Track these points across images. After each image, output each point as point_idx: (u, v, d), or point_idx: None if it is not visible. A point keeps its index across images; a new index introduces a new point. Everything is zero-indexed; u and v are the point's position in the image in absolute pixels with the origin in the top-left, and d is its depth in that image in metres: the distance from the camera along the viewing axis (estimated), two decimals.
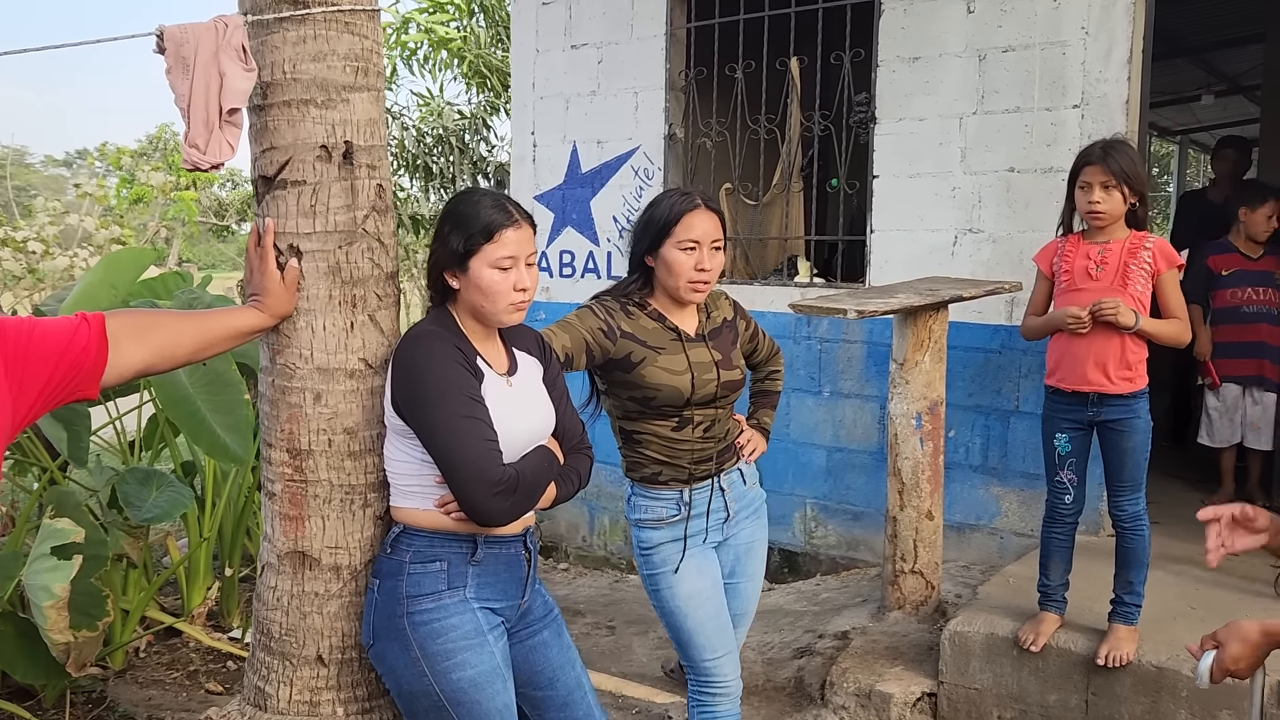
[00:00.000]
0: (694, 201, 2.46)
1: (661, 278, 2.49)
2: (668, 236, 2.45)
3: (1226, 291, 4.80)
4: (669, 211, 2.45)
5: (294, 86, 1.98)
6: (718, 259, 2.48)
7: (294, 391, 2.06)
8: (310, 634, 2.10)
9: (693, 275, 2.45)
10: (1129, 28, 4.05)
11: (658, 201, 2.51)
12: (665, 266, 2.46)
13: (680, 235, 2.44)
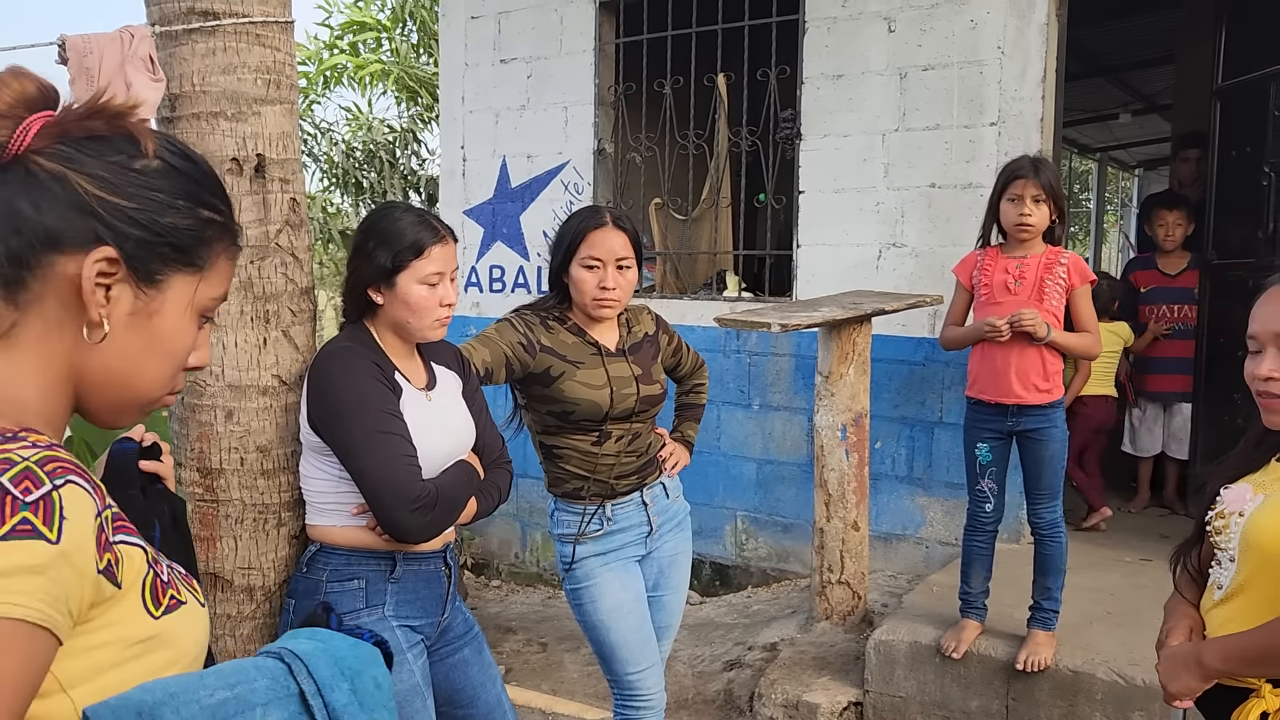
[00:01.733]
0: (600, 219, 2.46)
1: (573, 294, 2.51)
2: (574, 254, 2.46)
3: (1145, 308, 4.95)
4: (574, 229, 2.47)
5: (203, 99, 1.95)
6: (626, 277, 2.49)
7: (204, 409, 2.01)
8: (222, 658, 2.05)
9: (596, 293, 2.46)
10: (1043, 48, 4.16)
11: (568, 219, 2.53)
12: (573, 284, 2.48)
13: (584, 253, 2.45)
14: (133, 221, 0.94)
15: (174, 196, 0.96)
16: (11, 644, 0.74)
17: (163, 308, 0.97)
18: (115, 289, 0.94)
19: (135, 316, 0.96)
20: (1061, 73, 4.24)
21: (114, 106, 0.93)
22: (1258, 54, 4.37)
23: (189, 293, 0.99)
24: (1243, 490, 1.72)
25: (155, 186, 0.95)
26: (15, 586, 0.77)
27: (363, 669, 0.93)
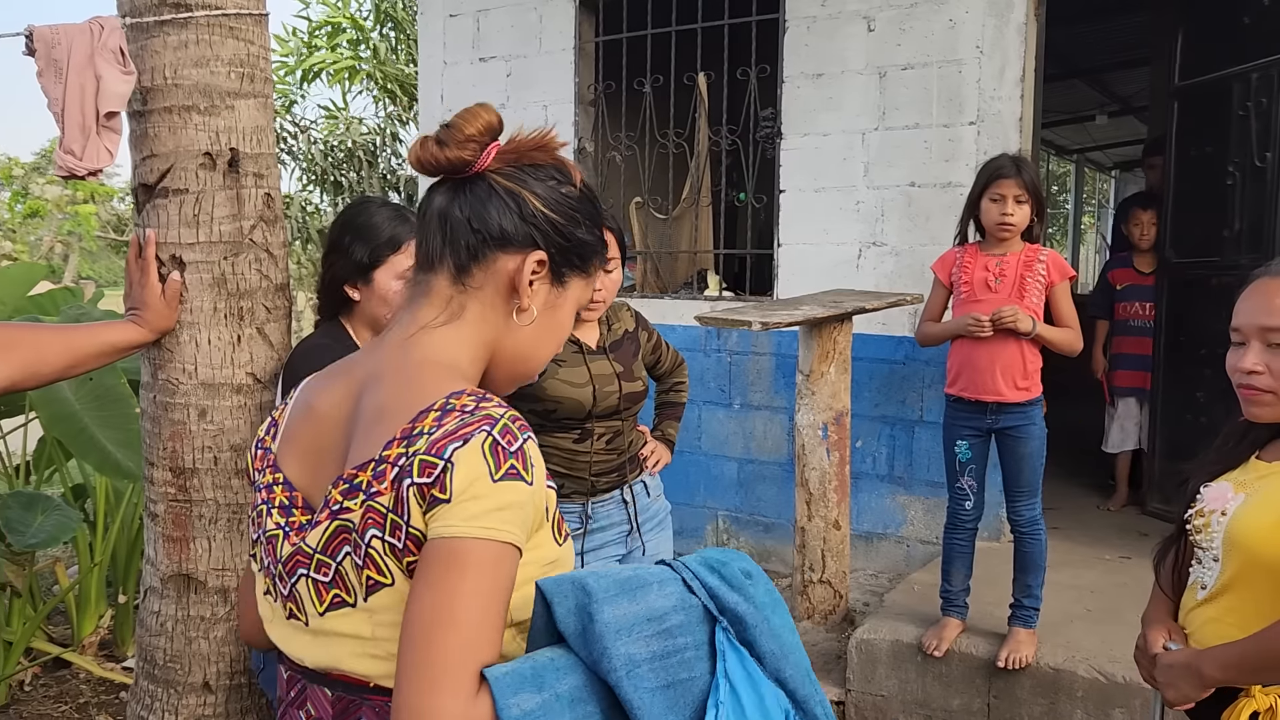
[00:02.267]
0: None
1: None
2: None
3: (1120, 305, 4.99)
4: None
5: (175, 92, 1.92)
6: (613, 278, 2.48)
7: (177, 408, 1.98)
8: (196, 660, 2.02)
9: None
10: (1021, 48, 4.18)
11: None
12: None
13: None
14: (559, 233, 1.17)
15: (585, 218, 1.20)
16: (506, 560, 1.00)
17: (563, 303, 1.21)
18: (537, 285, 1.17)
19: (545, 308, 1.19)
20: (1040, 73, 4.25)
21: (553, 142, 1.18)
22: (1218, 54, 4.40)
23: (578, 293, 1.23)
24: (1223, 489, 1.71)
25: (576, 208, 1.19)
26: (508, 518, 1.00)
27: (729, 561, 1.11)
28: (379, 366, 1.14)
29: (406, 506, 1.00)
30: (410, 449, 1.02)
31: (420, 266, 1.18)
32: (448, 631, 0.95)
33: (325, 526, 1.07)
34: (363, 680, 1.07)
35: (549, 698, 0.96)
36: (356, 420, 1.10)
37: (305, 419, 1.18)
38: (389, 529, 1.01)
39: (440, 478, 0.99)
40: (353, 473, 1.05)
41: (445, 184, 1.17)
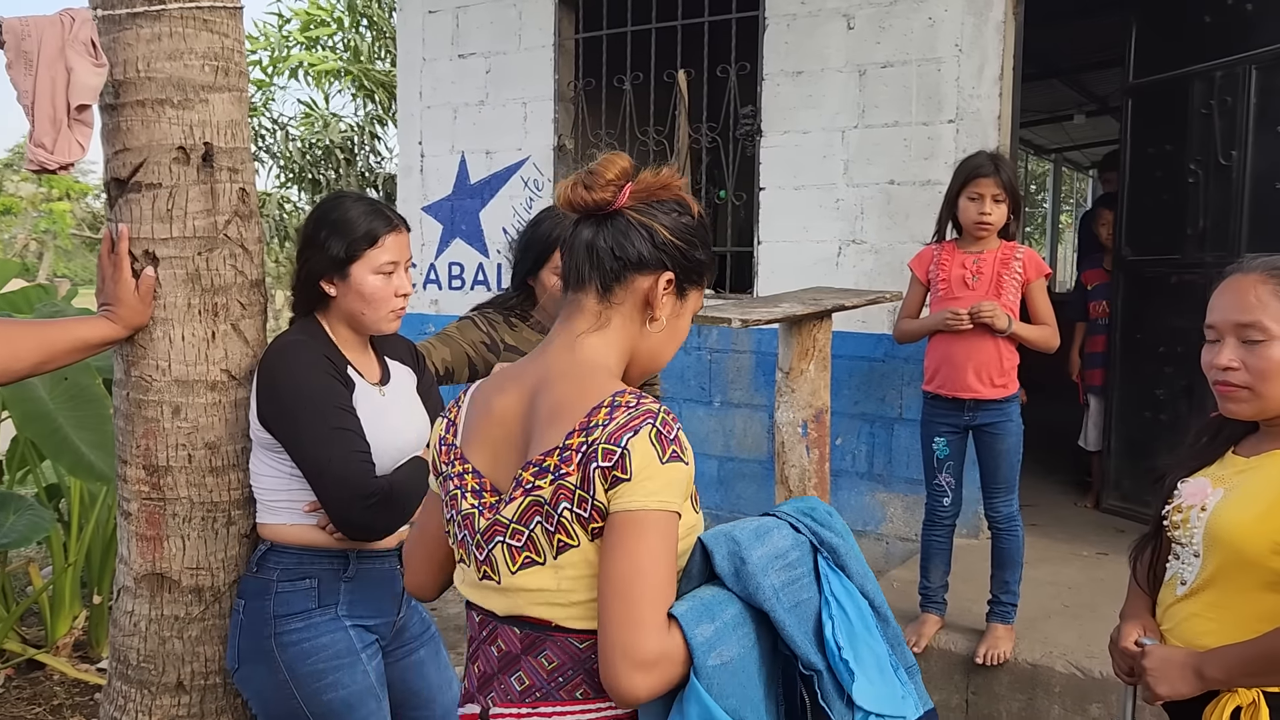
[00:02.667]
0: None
1: (541, 299, 2.46)
2: (547, 261, 2.41)
3: (1092, 304, 5.02)
4: (548, 236, 2.41)
5: (148, 85, 1.90)
6: None
7: (150, 405, 1.96)
8: (170, 660, 2.00)
9: None
10: (1000, 46, 4.19)
11: (539, 221, 2.46)
12: (545, 290, 2.43)
13: (558, 261, 2.40)
14: (684, 256, 1.41)
15: (701, 242, 1.44)
16: (673, 525, 1.26)
17: (684, 311, 1.46)
18: (666, 299, 1.41)
19: (671, 317, 1.44)
20: (1018, 71, 4.27)
21: (674, 181, 1.42)
22: (1176, 53, 4.41)
23: (695, 303, 1.48)
24: (1202, 485, 1.72)
25: (695, 235, 1.43)
26: (673, 492, 1.26)
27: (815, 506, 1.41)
28: (548, 371, 1.39)
29: (592, 484, 1.26)
30: (590, 438, 1.27)
31: (571, 287, 1.43)
32: (641, 582, 1.22)
33: (520, 502, 1.32)
34: (545, 621, 1.33)
35: (720, 625, 1.26)
36: (534, 416, 1.35)
37: (485, 418, 1.42)
38: (576, 502, 1.27)
39: (620, 461, 1.24)
40: (541, 458, 1.30)
41: (590, 219, 1.41)
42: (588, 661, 1.30)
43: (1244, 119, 4.02)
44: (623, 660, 1.20)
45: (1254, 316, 1.62)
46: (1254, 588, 1.61)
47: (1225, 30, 4.16)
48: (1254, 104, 3.99)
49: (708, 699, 1.22)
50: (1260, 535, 1.58)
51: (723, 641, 1.25)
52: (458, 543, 1.42)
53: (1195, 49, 4.29)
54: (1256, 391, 1.63)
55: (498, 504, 1.35)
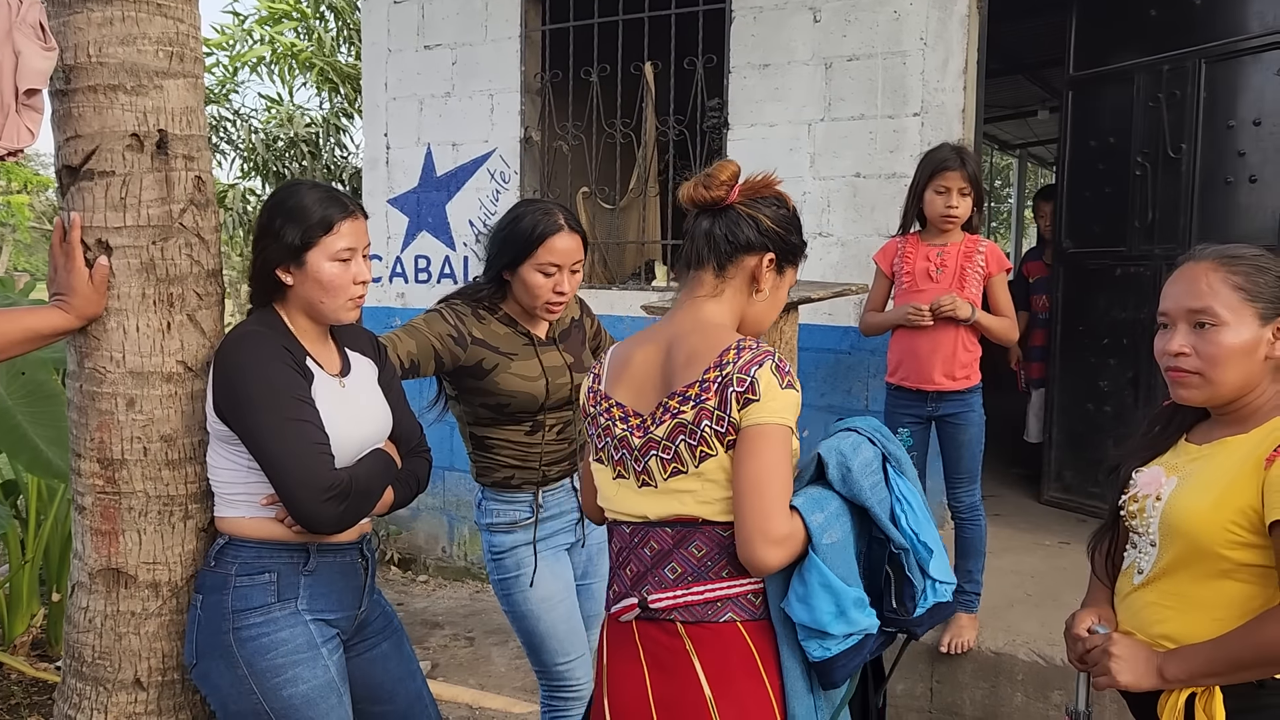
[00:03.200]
0: (557, 223, 2.39)
1: (518, 294, 2.44)
2: (528, 257, 2.38)
3: (1033, 297, 5.06)
4: (531, 232, 2.37)
5: (100, 71, 1.86)
6: (576, 279, 2.45)
7: (104, 397, 1.92)
8: (127, 656, 1.97)
9: (551, 298, 2.41)
10: (964, 40, 4.21)
11: (519, 216, 2.41)
12: (523, 285, 2.41)
13: (542, 258, 2.38)
14: (783, 240, 1.77)
15: (795, 229, 1.81)
16: (789, 437, 1.61)
17: (782, 285, 1.82)
18: (768, 274, 1.77)
19: (771, 289, 1.80)
20: (982, 65, 4.29)
21: (774, 181, 1.79)
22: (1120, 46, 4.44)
23: (790, 278, 1.83)
24: (1156, 474, 1.74)
25: (791, 223, 1.80)
26: (790, 412, 1.61)
27: (879, 425, 1.80)
28: (678, 329, 1.76)
29: (729, 405, 1.61)
30: (723, 371, 1.63)
31: (691, 265, 1.78)
32: (770, 481, 1.58)
33: (667, 424, 1.68)
34: (694, 518, 1.67)
35: (827, 514, 1.63)
36: (670, 362, 1.72)
37: (626, 368, 1.80)
38: (715, 420, 1.62)
39: (751, 386, 1.60)
40: (683, 389, 1.67)
41: (707, 212, 1.77)
42: (730, 547, 1.64)
43: (1194, 112, 4.06)
44: (760, 539, 1.56)
45: (1205, 303, 1.64)
46: (1209, 576, 1.62)
47: (1171, 23, 4.20)
48: (1204, 97, 4.03)
49: (824, 567, 1.60)
50: (1214, 523, 1.60)
51: (830, 526, 1.63)
52: (615, 462, 1.77)
53: (1138, 42, 4.31)
54: (1207, 377, 1.65)
55: (645, 425, 1.71)
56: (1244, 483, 1.58)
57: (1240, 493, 1.58)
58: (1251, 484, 1.57)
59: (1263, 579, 1.58)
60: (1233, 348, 1.63)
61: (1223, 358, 1.63)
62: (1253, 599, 1.59)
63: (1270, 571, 1.57)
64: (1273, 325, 1.63)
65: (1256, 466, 1.57)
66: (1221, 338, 1.63)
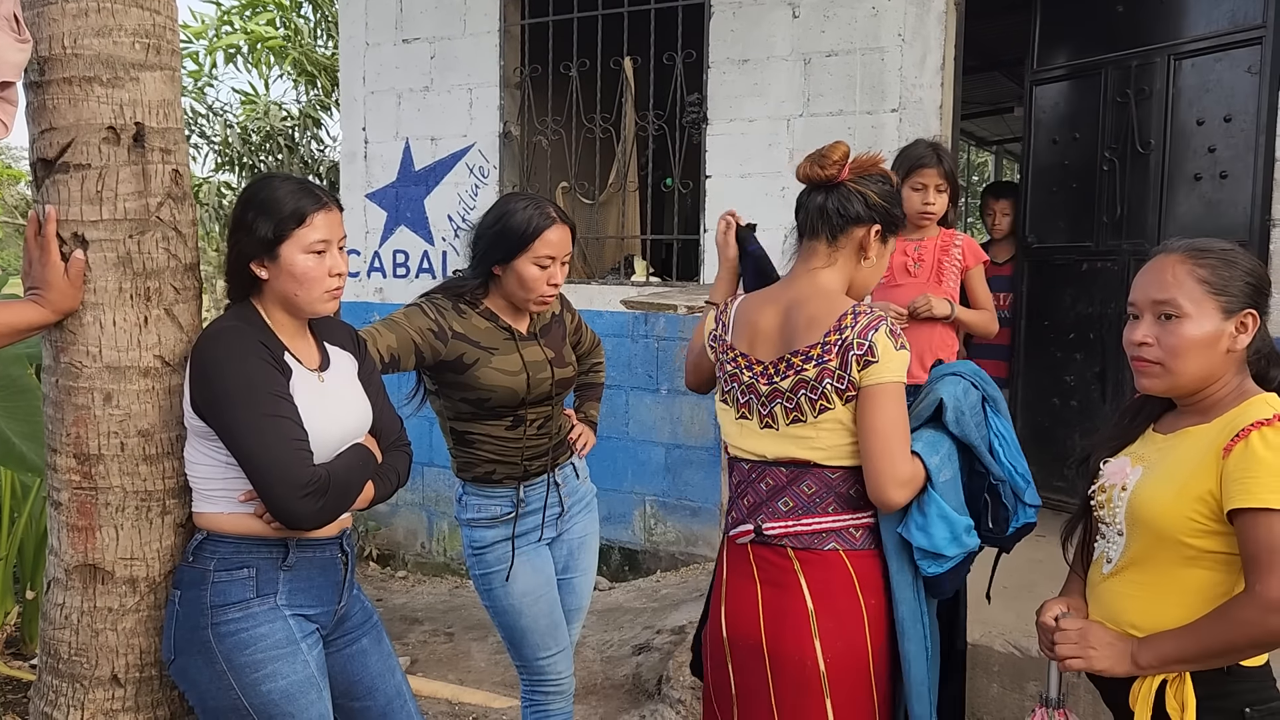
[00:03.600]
0: (551, 216, 2.41)
1: (509, 287, 2.43)
2: (524, 250, 2.38)
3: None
4: (528, 226, 2.38)
5: (75, 63, 1.84)
6: (565, 271, 2.47)
7: (81, 392, 1.91)
8: (104, 653, 1.95)
9: (544, 290, 2.42)
10: (942, 36, 4.24)
11: (512, 211, 2.41)
12: (516, 279, 2.41)
13: (539, 251, 2.39)
14: (887, 213, 2.00)
15: (898, 203, 2.05)
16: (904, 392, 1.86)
17: (885, 253, 2.06)
18: (874, 244, 2.01)
19: (876, 257, 2.03)
20: (960, 61, 4.33)
21: (879, 160, 2.01)
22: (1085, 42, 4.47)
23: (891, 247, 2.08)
24: (1123, 464, 1.76)
25: (894, 198, 2.02)
26: (904, 370, 1.86)
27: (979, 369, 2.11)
28: (797, 295, 1.99)
29: (850, 366, 1.86)
30: (843, 336, 1.87)
31: (806, 236, 2.02)
32: (894, 432, 1.85)
33: (791, 379, 1.93)
34: (806, 461, 1.93)
35: (941, 455, 1.92)
36: (790, 325, 1.96)
37: (749, 326, 2.03)
38: (836, 378, 1.87)
39: (870, 349, 1.85)
40: (805, 350, 1.91)
41: (820, 189, 1.99)
42: (836, 487, 1.93)
43: (1164, 108, 4.10)
44: (889, 482, 1.84)
45: (1169, 294, 1.67)
46: (1174, 564, 1.65)
47: (1139, 20, 4.24)
48: (1173, 93, 4.08)
49: (941, 501, 1.89)
50: (1177, 512, 1.63)
51: (944, 466, 1.91)
52: (740, 404, 2.03)
53: (1104, 38, 4.35)
54: (1168, 367, 1.68)
55: (769, 373, 1.96)
56: (1204, 471, 1.61)
57: (1201, 481, 1.61)
58: (1211, 472, 1.60)
59: (1226, 565, 1.61)
60: (1194, 339, 1.65)
61: (1183, 349, 1.66)
62: (1218, 585, 1.62)
63: (1234, 558, 1.60)
64: (1235, 319, 1.66)
65: (1216, 455, 1.60)
66: (1183, 329, 1.66)
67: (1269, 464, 1.54)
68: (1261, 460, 1.54)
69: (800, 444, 1.93)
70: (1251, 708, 1.62)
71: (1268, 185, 3.73)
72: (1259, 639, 1.55)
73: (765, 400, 1.96)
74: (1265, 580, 1.51)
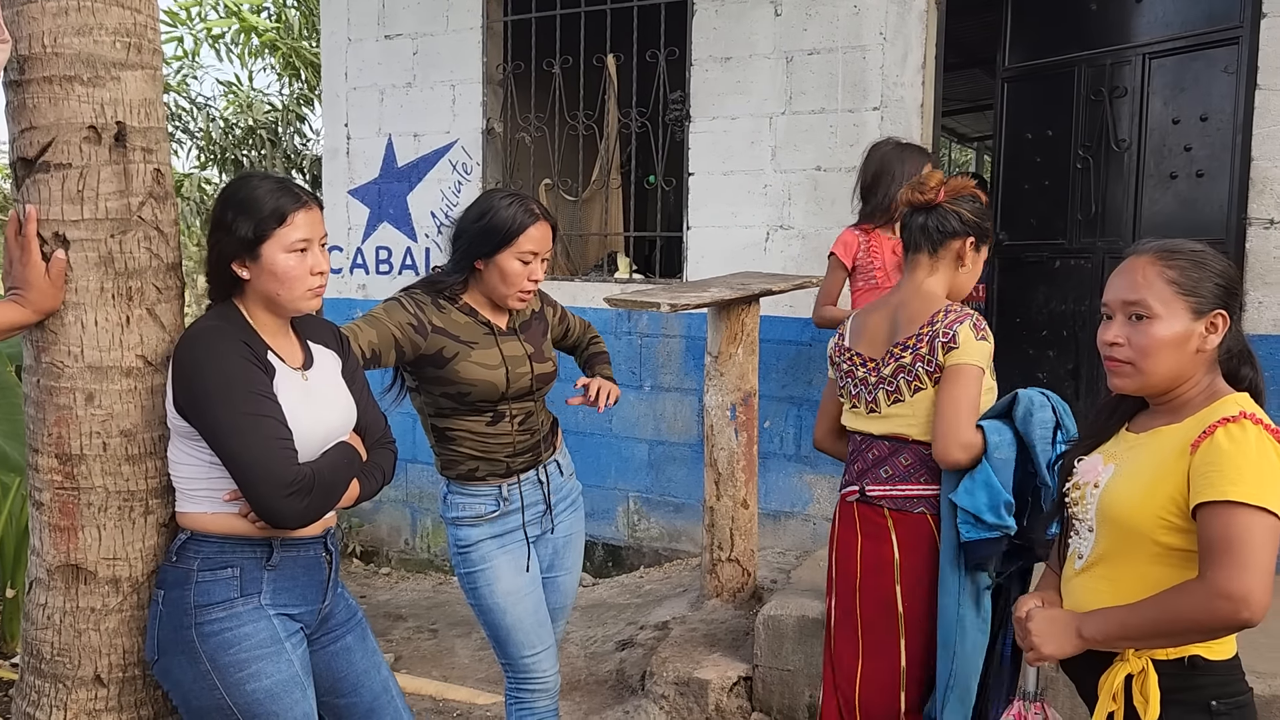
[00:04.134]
0: (535, 214, 2.43)
1: (490, 282, 2.44)
2: (508, 246, 2.40)
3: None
4: (512, 222, 2.40)
5: (56, 62, 1.83)
6: (544, 267, 2.50)
7: (62, 392, 1.90)
8: (86, 653, 1.95)
9: (525, 285, 2.44)
10: (923, 35, 4.27)
11: (495, 208, 2.42)
12: (499, 273, 2.42)
13: (522, 246, 2.41)
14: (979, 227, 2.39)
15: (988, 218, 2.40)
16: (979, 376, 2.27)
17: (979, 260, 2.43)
18: (969, 253, 2.39)
19: (971, 265, 2.41)
20: (941, 60, 4.35)
21: (970, 183, 2.38)
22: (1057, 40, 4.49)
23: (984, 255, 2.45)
24: (1095, 461, 1.79)
25: (984, 214, 2.37)
26: (983, 357, 2.28)
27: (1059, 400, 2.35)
28: (902, 299, 2.39)
29: (936, 351, 2.26)
30: (934, 328, 2.27)
31: (910, 250, 2.41)
32: (965, 403, 2.23)
33: (891, 366, 2.33)
34: (904, 436, 2.34)
35: (1002, 439, 2.24)
36: (895, 322, 2.36)
37: (864, 329, 2.44)
38: (926, 362, 2.27)
39: (953, 338, 2.24)
40: (904, 341, 2.32)
41: (920, 211, 2.38)
42: (928, 461, 2.30)
43: (1140, 107, 4.14)
44: (952, 443, 2.22)
45: (1139, 295, 1.70)
46: (1142, 561, 1.68)
47: (1110, 19, 4.27)
48: (1148, 92, 4.11)
49: (989, 470, 2.22)
50: (1145, 510, 1.66)
51: (1002, 448, 2.23)
52: (852, 396, 2.44)
53: (1077, 36, 4.38)
54: (1138, 367, 1.71)
55: (878, 367, 2.36)
56: (1173, 470, 1.64)
57: (1170, 479, 1.64)
58: (1180, 470, 1.63)
59: (1190, 562, 1.64)
60: (1163, 339, 1.68)
61: (1153, 349, 1.69)
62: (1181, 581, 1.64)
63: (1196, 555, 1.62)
64: (1205, 320, 1.68)
65: (1185, 454, 1.63)
66: (1153, 330, 1.69)
67: (1232, 457, 1.57)
68: (1225, 454, 1.57)
69: (899, 421, 2.34)
70: (1218, 700, 1.65)
71: (1244, 184, 3.77)
72: (1202, 624, 1.58)
73: (872, 389, 2.38)
74: (1215, 569, 1.54)
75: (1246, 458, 1.56)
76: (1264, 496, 1.54)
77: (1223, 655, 1.67)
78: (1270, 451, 1.58)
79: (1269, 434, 1.59)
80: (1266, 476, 1.56)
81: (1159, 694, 1.63)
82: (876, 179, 3.31)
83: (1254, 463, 1.56)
